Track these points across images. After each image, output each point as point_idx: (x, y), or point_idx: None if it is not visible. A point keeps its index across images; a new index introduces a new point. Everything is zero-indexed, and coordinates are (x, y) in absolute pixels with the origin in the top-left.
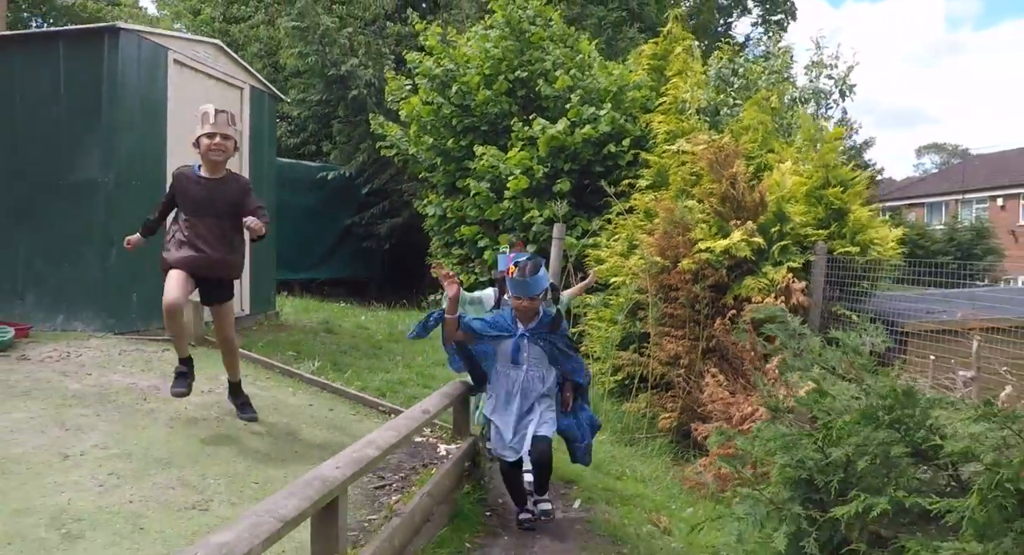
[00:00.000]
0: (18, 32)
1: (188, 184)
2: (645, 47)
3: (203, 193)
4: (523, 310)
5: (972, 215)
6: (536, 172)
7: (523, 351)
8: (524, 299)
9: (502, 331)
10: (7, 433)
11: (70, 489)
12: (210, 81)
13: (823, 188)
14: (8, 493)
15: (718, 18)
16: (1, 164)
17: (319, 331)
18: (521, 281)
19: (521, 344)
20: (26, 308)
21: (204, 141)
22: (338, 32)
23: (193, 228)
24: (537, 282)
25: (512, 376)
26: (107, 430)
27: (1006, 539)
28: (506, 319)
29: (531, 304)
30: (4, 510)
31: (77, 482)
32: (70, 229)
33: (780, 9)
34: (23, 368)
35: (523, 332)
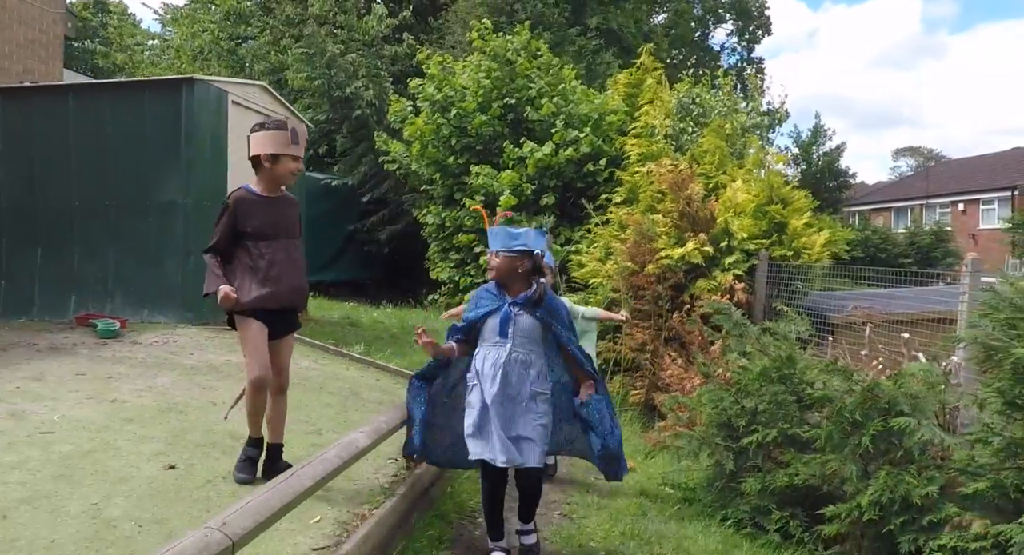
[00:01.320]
0: (111, 81)
1: (253, 207)
2: (621, 76)
3: (271, 214)
4: (490, 269)
5: (935, 219)
6: (525, 189)
7: (511, 324)
8: (493, 255)
9: (488, 303)
10: (165, 390)
11: (229, 423)
12: (256, 116)
13: (767, 204)
14: (192, 426)
15: (695, 28)
16: (94, 189)
17: (344, 324)
18: (491, 230)
19: (510, 314)
20: (115, 305)
21: (289, 163)
22: (342, 57)
23: (265, 256)
24: (508, 234)
25: (492, 355)
26: (230, 387)
27: (845, 449)
28: (490, 289)
29: (495, 261)
30: (194, 434)
31: (229, 419)
32: (154, 242)
33: (754, 23)
34: (141, 350)
35: (511, 301)
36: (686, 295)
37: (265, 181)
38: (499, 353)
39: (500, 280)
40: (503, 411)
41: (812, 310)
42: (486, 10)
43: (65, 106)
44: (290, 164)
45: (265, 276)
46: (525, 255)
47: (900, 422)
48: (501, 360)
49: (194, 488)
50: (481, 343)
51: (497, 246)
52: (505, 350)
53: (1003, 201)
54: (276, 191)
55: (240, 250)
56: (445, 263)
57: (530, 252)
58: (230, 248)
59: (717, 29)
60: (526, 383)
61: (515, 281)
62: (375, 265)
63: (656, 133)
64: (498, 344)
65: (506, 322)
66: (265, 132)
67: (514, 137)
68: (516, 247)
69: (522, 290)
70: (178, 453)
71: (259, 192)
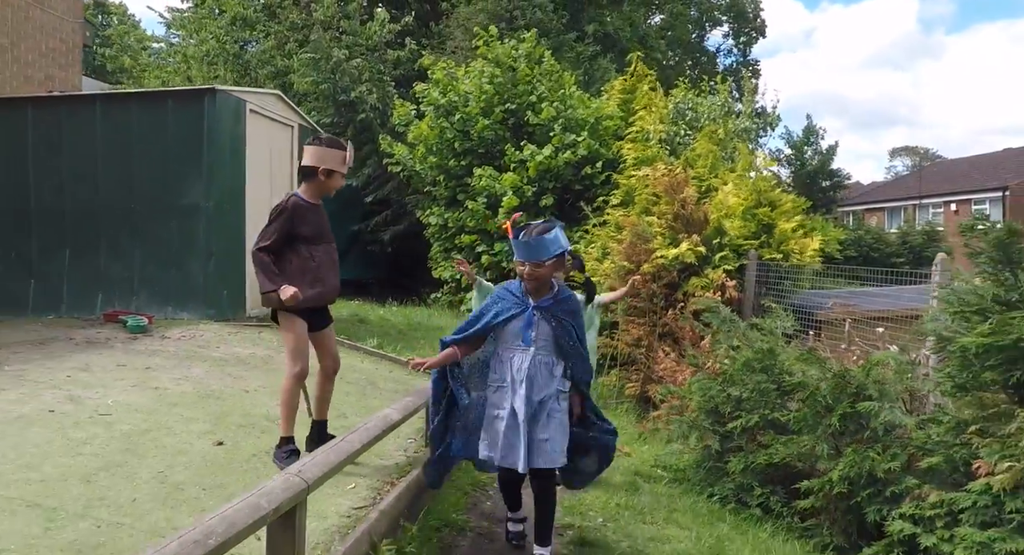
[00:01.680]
0: (137, 90)
1: (306, 213)
2: (616, 83)
3: (318, 220)
4: (530, 279)
5: (928, 219)
6: (526, 191)
7: (533, 328)
8: (528, 264)
9: (510, 306)
10: (200, 379)
11: (260, 405)
12: (271, 123)
13: (756, 208)
14: (230, 409)
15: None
16: (120, 193)
17: (354, 321)
18: (524, 242)
19: (533, 319)
20: (140, 302)
21: (339, 179)
22: (347, 62)
23: (314, 258)
24: (544, 244)
25: (516, 361)
26: (258, 377)
27: (818, 430)
28: (513, 290)
29: (538, 271)
30: (234, 416)
31: (264, 402)
32: (177, 243)
33: (750, 26)
34: (171, 344)
35: (535, 305)
36: (679, 293)
37: (313, 190)
38: (523, 357)
39: (535, 289)
40: (529, 413)
41: (799, 307)
42: (486, 16)
43: (92, 115)
44: (339, 180)
45: (315, 277)
46: (560, 257)
47: (866, 405)
48: (526, 365)
49: (242, 461)
50: (502, 346)
51: (543, 256)
52: (529, 354)
53: (994, 201)
54: (318, 200)
55: (290, 252)
56: (448, 263)
57: (563, 253)
58: (280, 250)
59: (713, 31)
60: (552, 384)
61: (545, 284)
62: (378, 265)
63: (651, 138)
64: (520, 348)
65: (528, 327)
66: (326, 149)
67: (515, 140)
68: (556, 253)
69: (545, 292)
70: (223, 432)
71: (307, 199)
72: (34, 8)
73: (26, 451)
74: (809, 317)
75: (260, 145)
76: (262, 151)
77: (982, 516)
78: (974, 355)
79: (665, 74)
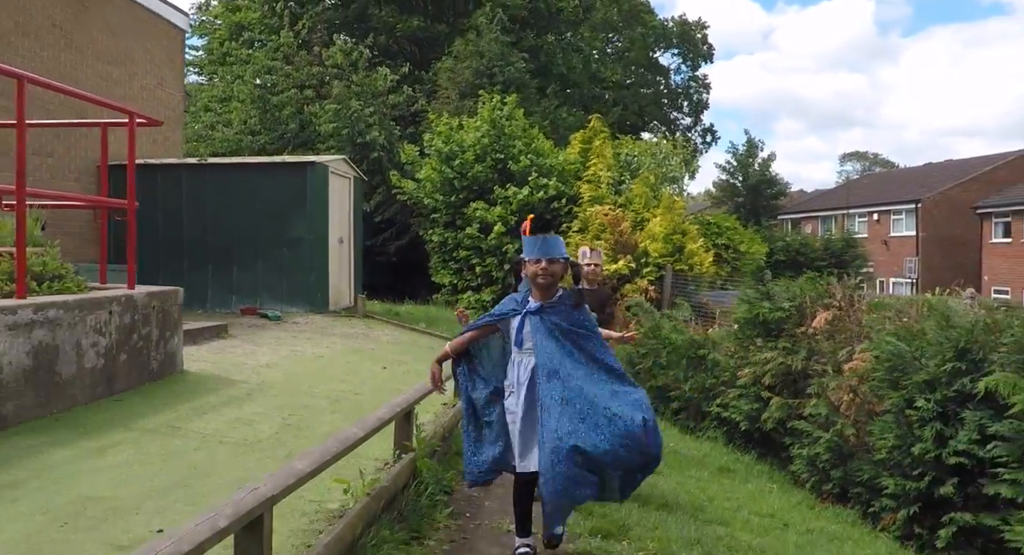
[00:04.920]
0: (259, 161)
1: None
2: (577, 134)
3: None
4: (544, 276)
5: (854, 228)
6: (509, 220)
7: (524, 329)
8: (543, 260)
9: (510, 307)
10: (343, 342)
11: (387, 355)
12: (341, 178)
13: (672, 234)
14: (371, 357)
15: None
16: (249, 230)
17: (389, 314)
18: (541, 238)
19: (526, 321)
20: (261, 301)
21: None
22: (362, 111)
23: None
24: (558, 243)
25: (521, 365)
26: (370, 342)
27: (678, 368)
28: (516, 299)
29: (552, 268)
30: (376, 359)
31: (387, 355)
32: (287, 262)
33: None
34: (303, 326)
35: (532, 307)
36: (617, 294)
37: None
38: (529, 360)
39: (546, 287)
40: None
41: (696, 302)
42: (471, 73)
43: (227, 176)
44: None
45: None
46: (566, 262)
47: (702, 352)
48: (529, 368)
49: (401, 374)
50: (513, 352)
51: (555, 253)
52: (532, 358)
53: (909, 213)
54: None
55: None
56: (446, 270)
57: (566, 262)
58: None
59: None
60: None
61: (554, 285)
62: (384, 272)
63: (601, 181)
64: (518, 351)
65: (520, 330)
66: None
67: (501, 181)
68: (565, 255)
69: (550, 295)
70: (379, 366)
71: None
72: (159, 89)
73: (300, 372)
74: (704, 309)
75: (334, 195)
76: (335, 199)
77: (747, 396)
78: (743, 322)
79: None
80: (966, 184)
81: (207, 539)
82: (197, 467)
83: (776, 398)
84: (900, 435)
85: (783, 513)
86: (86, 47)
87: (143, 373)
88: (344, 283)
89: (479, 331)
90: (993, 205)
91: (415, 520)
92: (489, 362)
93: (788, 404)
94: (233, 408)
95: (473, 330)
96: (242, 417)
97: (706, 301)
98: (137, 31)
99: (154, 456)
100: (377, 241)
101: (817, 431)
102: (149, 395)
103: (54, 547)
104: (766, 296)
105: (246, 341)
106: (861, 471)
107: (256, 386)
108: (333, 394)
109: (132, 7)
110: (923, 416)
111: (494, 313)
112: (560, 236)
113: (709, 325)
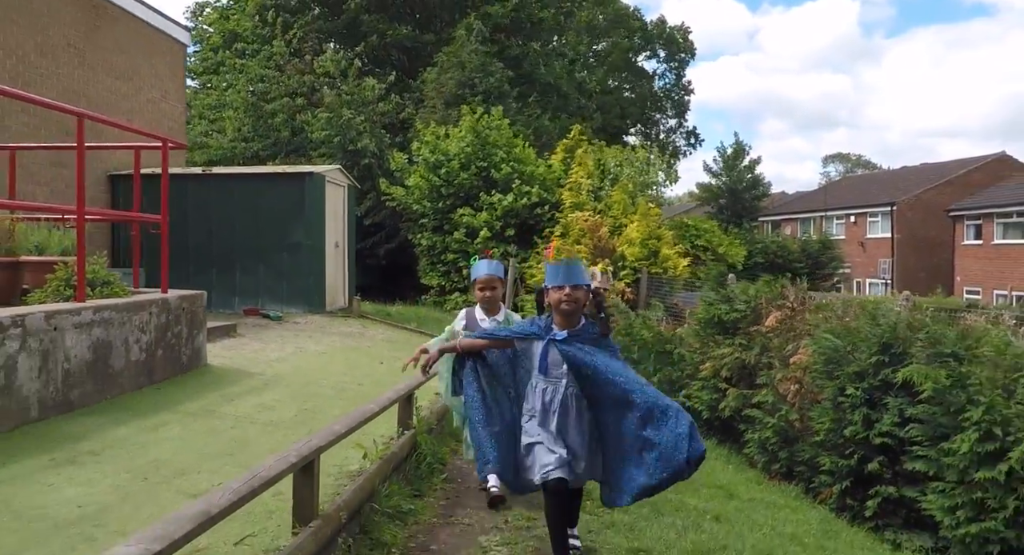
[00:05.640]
0: (260, 172)
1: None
2: (561, 143)
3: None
4: (569, 302)
5: (832, 229)
6: (495, 226)
7: (550, 357)
8: (567, 287)
9: (529, 334)
10: (341, 340)
11: (383, 351)
12: (336, 187)
13: (648, 239)
14: (369, 353)
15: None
16: (250, 236)
17: (382, 314)
18: (565, 264)
19: (550, 350)
20: (262, 302)
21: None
22: (354, 119)
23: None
24: (580, 268)
25: (548, 392)
26: (366, 339)
27: (647, 360)
28: (539, 323)
29: (576, 294)
30: (372, 354)
31: (382, 351)
32: (287, 266)
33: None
34: (303, 325)
35: (554, 336)
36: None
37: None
38: (555, 388)
39: (570, 313)
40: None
41: (669, 303)
42: (454, 84)
43: (229, 185)
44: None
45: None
46: (588, 288)
47: (669, 347)
48: (559, 396)
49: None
50: (534, 375)
51: (579, 280)
52: (560, 386)
53: (884, 215)
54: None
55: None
56: (434, 272)
57: (588, 291)
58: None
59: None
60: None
61: (578, 313)
62: (373, 274)
63: (582, 189)
64: (544, 379)
65: (545, 358)
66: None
67: (486, 188)
68: (586, 281)
69: (574, 323)
70: (378, 360)
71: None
72: (163, 102)
73: (307, 366)
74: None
75: (330, 202)
76: (331, 206)
77: (708, 388)
78: (703, 321)
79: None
80: (940, 187)
81: (283, 470)
82: (236, 441)
83: (733, 389)
84: (835, 419)
85: (732, 486)
86: (98, 64)
87: (176, 366)
88: (339, 285)
89: (496, 342)
90: (966, 208)
91: (417, 482)
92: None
93: (743, 394)
94: (255, 396)
95: (490, 339)
96: (264, 403)
97: (677, 302)
98: (142, 47)
99: (199, 433)
100: (367, 244)
101: (767, 417)
102: (182, 385)
103: (141, 495)
104: (725, 299)
105: (254, 339)
106: (803, 452)
107: (271, 378)
108: (338, 385)
109: (138, 24)
110: (853, 402)
111: (515, 331)
112: (581, 262)
113: (680, 324)
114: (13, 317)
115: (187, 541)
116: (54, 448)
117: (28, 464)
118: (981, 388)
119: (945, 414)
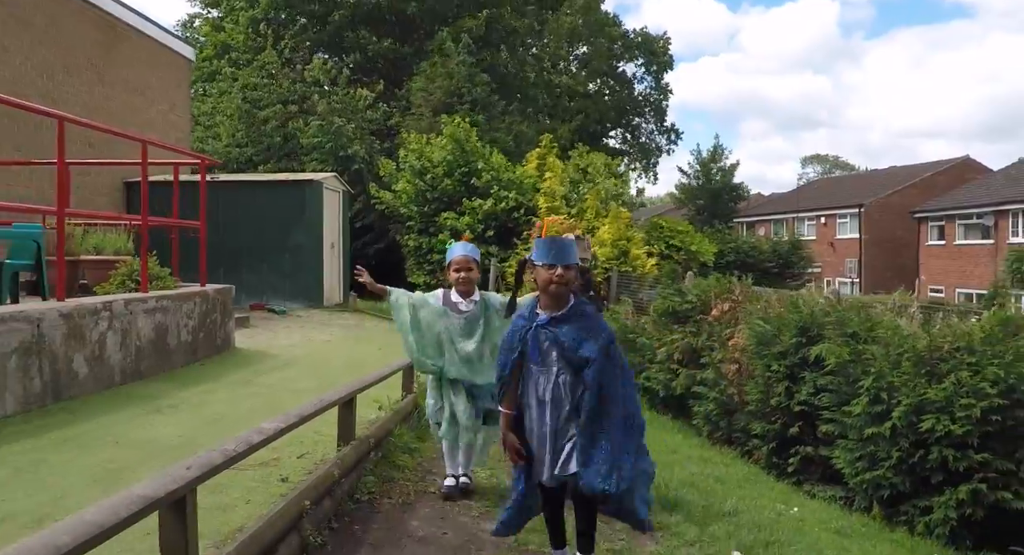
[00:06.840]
0: (265, 179)
1: None
2: (533, 152)
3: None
4: (559, 283)
5: (803, 230)
6: (476, 228)
7: (541, 344)
8: (558, 266)
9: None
10: (343, 331)
11: (380, 338)
12: (332, 192)
13: (618, 241)
14: (369, 339)
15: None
16: (256, 238)
17: (375, 309)
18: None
19: (539, 335)
20: (267, 298)
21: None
22: (345, 127)
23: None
24: (572, 246)
25: (541, 381)
26: (365, 330)
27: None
28: (524, 313)
29: (568, 274)
30: (374, 342)
31: (380, 337)
32: (289, 265)
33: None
34: (306, 319)
35: (540, 320)
36: None
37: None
38: (547, 377)
39: (558, 296)
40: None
41: (637, 299)
42: (441, 93)
43: (237, 192)
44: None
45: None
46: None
47: (631, 336)
48: (550, 385)
49: (392, 354)
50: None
51: (571, 259)
52: (551, 374)
53: (853, 216)
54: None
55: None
56: (421, 271)
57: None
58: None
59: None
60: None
61: (566, 294)
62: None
63: (556, 194)
64: (537, 367)
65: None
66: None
67: (468, 194)
68: (572, 262)
69: (561, 306)
70: (375, 347)
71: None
72: (171, 114)
73: (316, 351)
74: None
75: (327, 207)
76: (328, 210)
77: (663, 369)
78: (660, 312)
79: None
80: (907, 189)
81: (336, 399)
82: (274, 402)
83: (683, 369)
84: (763, 392)
85: (677, 447)
86: (115, 81)
87: (212, 347)
88: (335, 282)
89: (514, 374)
90: (929, 210)
91: (419, 430)
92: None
93: (692, 374)
94: (279, 372)
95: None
96: (288, 377)
97: (643, 297)
98: (152, 63)
99: (243, 396)
100: (358, 244)
101: (710, 392)
102: (219, 363)
103: (209, 436)
104: (679, 292)
105: (265, 330)
106: (739, 420)
107: (289, 359)
108: (346, 364)
109: (149, 42)
110: (778, 377)
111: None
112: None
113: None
114: (104, 303)
115: (282, 434)
116: (142, 403)
117: (129, 412)
118: (874, 361)
119: (846, 383)
